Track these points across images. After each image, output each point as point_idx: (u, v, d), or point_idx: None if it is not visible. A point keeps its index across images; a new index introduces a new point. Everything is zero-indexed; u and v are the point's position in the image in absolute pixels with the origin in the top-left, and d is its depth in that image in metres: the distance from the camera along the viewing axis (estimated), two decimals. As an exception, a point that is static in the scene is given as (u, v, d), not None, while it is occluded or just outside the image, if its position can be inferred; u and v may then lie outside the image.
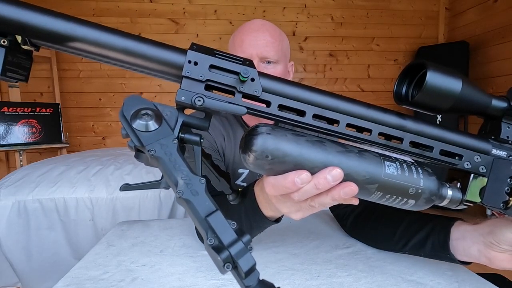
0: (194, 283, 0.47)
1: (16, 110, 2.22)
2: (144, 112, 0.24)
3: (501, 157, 0.33)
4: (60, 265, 1.25)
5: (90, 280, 0.49)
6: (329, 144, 0.30)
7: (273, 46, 0.68)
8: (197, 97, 0.26)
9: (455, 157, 0.33)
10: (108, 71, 2.75)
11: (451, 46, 2.90)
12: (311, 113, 0.29)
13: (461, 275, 0.49)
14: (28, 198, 1.22)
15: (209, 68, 0.27)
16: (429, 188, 0.31)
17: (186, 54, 0.26)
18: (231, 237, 0.22)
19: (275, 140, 0.28)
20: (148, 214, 1.28)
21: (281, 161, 0.28)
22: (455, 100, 0.30)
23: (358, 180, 0.29)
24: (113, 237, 0.65)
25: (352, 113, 0.30)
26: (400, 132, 0.31)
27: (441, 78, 0.29)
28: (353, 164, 0.29)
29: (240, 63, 0.27)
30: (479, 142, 0.33)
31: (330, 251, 0.58)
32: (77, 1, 2.66)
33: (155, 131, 0.24)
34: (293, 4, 2.95)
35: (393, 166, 0.30)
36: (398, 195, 0.31)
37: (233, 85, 0.27)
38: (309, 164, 0.29)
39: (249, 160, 0.29)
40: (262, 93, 0.28)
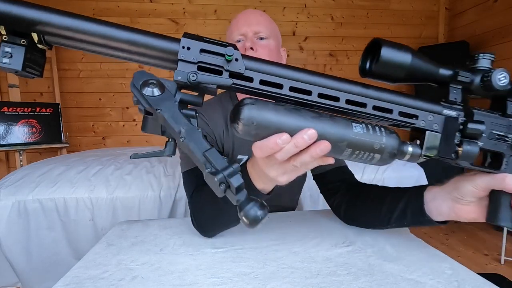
0: (194, 281, 0.47)
1: (16, 110, 2.22)
2: (151, 82, 0.30)
3: (451, 116, 0.39)
4: (60, 265, 1.25)
5: (90, 279, 0.49)
6: (304, 111, 0.35)
7: (264, 23, 0.75)
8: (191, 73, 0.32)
9: (412, 118, 0.38)
10: (108, 71, 2.75)
11: (451, 46, 2.90)
12: (288, 86, 0.35)
13: (460, 274, 0.49)
14: (28, 198, 1.23)
15: (200, 51, 0.32)
16: (391, 144, 0.36)
17: (180, 41, 0.32)
18: (223, 164, 0.28)
19: (259, 109, 0.33)
20: (148, 214, 1.28)
21: (265, 126, 0.34)
22: (407, 70, 0.36)
23: (331, 139, 0.35)
24: (113, 236, 0.65)
25: (323, 84, 0.36)
26: (364, 99, 0.37)
27: (393, 52, 0.35)
28: (326, 126, 0.35)
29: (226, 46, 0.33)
30: (432, 104, 0.39)
31: (330, 249, 0.58)
32: (77, 1, 2.67)
33: (160, 96, 0.30)
34: (293, 4, 2.96)
35: (359, 126, 0.36)
36: (365, 150, 0.36)
37: (220, 65, 0.33)
38: (289, 128, 0.34)
39: (239, 128, 0.34)
40: (245, 70, 0.33)
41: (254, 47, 0.71)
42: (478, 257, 1.94)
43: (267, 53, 0.72)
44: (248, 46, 0.71)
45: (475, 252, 2.01)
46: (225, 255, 0.56)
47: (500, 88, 0.37)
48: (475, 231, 2.37)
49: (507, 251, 1.88)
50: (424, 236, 2.26)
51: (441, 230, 2.41)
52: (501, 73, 0.37)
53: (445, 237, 2.27)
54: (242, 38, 0.74)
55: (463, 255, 1.96)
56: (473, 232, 2.36)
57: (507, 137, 0.41)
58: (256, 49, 0.71)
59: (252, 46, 0.71)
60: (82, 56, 2.71)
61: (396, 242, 0.61)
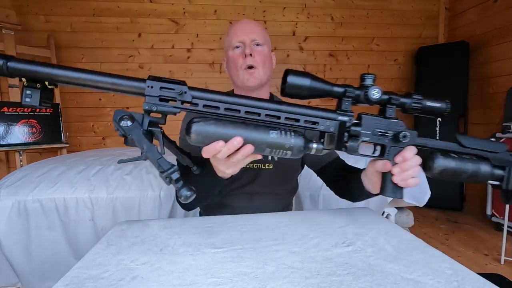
0: (193, 281, 0.47)
1: (16, 110, 2.22)
2: (124, 116, 0.45)
3: (343, 121, 0.54)
4: (60, 265, 1.25)
5: (90, 279, 0.49)
6: (236, 124, 0.50)
7: (259, 32, 0.87)
8: (153, 105, 0.47)
9: (315, 124, 0.53)
10: (108, 71, 2.75)
11: (451, 46, 2.90)
12: (223, 107, 0.49)
13: (460, 274, 0.49)
14: (28, 198, 1.22)
15: (160, 88, 0.47)
16: (298, 143, 0.51)
17: (146, 82, 0.47)
18: (168, 166, 0.45)
19: (203, 125, 0.48)
20: (148, 214, 1.28)
21: (207, 136, 0.49)
22: (308, 90, 0.52)
23: (254, 143, 0.50)
24: (113, 236, 0.66)
25: (248, 105, 0.50)
26: (278, 113, 0.51)
27: (296, 78, 0.52)
28: (251, 133, 0.50)
29: (177, 84, 0.48)
30: (329, 113, 0.53)
31: (329, 249, 0.58)
32: (77, 1, 2.67)
33: (131, 126, 0.45)
34: (293, 4, 2.96)
35: (275, 132, 0.50)
36: (279, 149, 0.51)
37: (175, 97, 0.47)
38: (224, 136, 0.49)
39: (190, 139, 0.49)
40: (192, 99, 0.48)
41: (252, 53, 0.83)
42: (478, 257, 1.94)
43: (262, 58, 0.85)
44: (247, 52, 0.83)
45: (475, 252, 2.01)
46: (225, 255, 0.56)
47: (374, 100, 0.54)
48: (475, 231, 2.37)
49: (507, 251, 1.88)
50: (424, 236, 2.26)
51: (441, 230, 2.41)
52: (375, 89, 0.53)
53: (445, 237, 2.27)
54: (240, 44, 0.85)
55: (463, 255, 1.96)
56: (473, 232, 2.36)
57: (387, 133, 0.56)
58: (254, 55, 0.84)
59: (251, 52, 0.83)
60: (82, 56, 2.71)
61: (396, 242, 0.61)
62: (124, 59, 2.77)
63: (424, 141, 0.58)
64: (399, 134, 0.55)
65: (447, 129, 2.84)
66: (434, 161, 0.57)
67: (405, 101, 0.55)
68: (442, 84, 2.86)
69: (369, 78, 0.54)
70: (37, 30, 2.62)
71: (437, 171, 0.57)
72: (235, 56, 0.85)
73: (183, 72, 2.85)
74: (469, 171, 0.57)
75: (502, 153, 0.58)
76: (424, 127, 2.93)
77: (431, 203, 1.52)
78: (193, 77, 2.85)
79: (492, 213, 2.42)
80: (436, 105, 0.56)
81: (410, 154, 0.57)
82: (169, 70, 2.84)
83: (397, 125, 0.56)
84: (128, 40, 2.77)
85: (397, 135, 0.56)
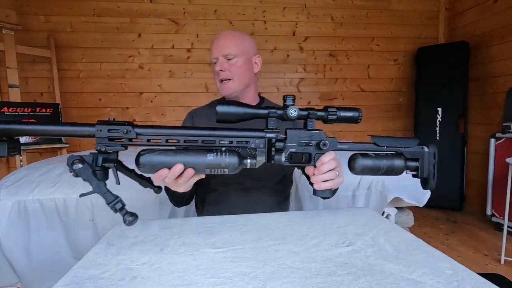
0: (194, 281, 0.47)
1: (16, 110, 2.22)
2: (76, 160, 0.52)
3: (271, 137, 0.62)
4: (60, 265, 1.25)
5: (90, 279, 0.49)
6: (178, 151, 0.58)
7: (232, 45, 0.93)
8: (102, 146, 0.54)
9: (246, 143, 0.61)
10: (108, 71, 2.75)
11: (451, 46, 2.90)
12: (164, 139, 0.57)
13: (460, 274, 0.49)
14: (28, 198, 1.23)
15: (108, 131, 0.54)
16: (233, 162, 0.59)
17: (95, 126, 0.54)
18: (112, 198, 0.53)
19: (148, 156, 0.57)
20: (148, 214, 1.28)
21: (153, 166, 0.58)
22: (236, 116, 0.61)
23: (194, 166, 0.59)
24: (113, 236, 0.66)
25: (186, 134, 0.58)
26: (212, 138, 0.59)
27: (224, 107, 0.60)
28: (191, 159, 0.58)
29: (123, 125, 0.55)
30: (258, 133, 0.61)
31: (329, 249, 0.58)
32: (77, 1, 2.66)
33: (82, 167, 0.52)
34: (293, 4, 2.96)
35: (212, 155, 0.58)
36: (217, 168, 0.59)
37: (121, 136, 0.55)
38: (168, 164, 0.58)
39: (140, 169, 0.57)
40: (137, 135, 0.56)
41: (223, 69, 0.93)
42: (478, 257, 1.94)
43: (235, 70, 0.93)
44: (217, 69, 0.93)
45: (475, 252, 2.01)
46: (225, 255, 0.56)
47: (293, 118, 0.61)
48: (475, 231, 2.37)
49: (507, 251, 1.88)
50: (424, 236, 2.26)
51: (441, 230, 2.41)
52: (293, 109, 0.61)
53: (445, 237, 2.27)
54: (215, 60, 0.94)
55: (463, 255, 1.96)
56: (473, 232, 2.36)
57: (311, 143, 0.65)
58: (224, 69, 0.93)
59: (221, 69, 0.93)
60: (82, 56, 2.71)
61: (396, 242, 0.61)
62: (124, 59, 2.77)
63: (344, 146, 0.67)
64: (320, 143, 0.64)
65: (447, 129, 2.84)
66: (355, 161, 0.66)
67: (322, 114, 0.64)
68: (442, 84, 2.87)
69: (289, 99, 0.62)
70: (37, 30, 2.62)
71: (359, 170, 0.66)
72: (213, 70, 0.96)
73: (183, 72, 2.85)
74: (385, 166, 0.66)
75: (414, 147, 0.68)
76: (424, 128, 2.93)
77: (431, 203, 1.52)
78: (193, 77, 2.85)
79: (492, 213, 2.42)
80: (349, 115, 0.64)
81: (327, 158, 0.65)
82: (169, 70, 2.84)
83: (319, 135, 0.65)
84: (128, 40, 2.77)
85: (319, 144, 0.64)
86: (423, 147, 0.69)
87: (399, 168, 0.67)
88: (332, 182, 0.67)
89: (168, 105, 2.86)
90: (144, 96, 2.83)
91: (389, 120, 3.20)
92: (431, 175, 0.69)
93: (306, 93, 3.06)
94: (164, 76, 2.84)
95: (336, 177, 0.67)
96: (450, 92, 2.83)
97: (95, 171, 0.53)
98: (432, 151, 0.69)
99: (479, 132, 2.78)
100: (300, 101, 3.05)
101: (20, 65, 2.33)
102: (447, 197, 2.82)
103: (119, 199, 0.52)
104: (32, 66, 2.61)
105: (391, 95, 3.18)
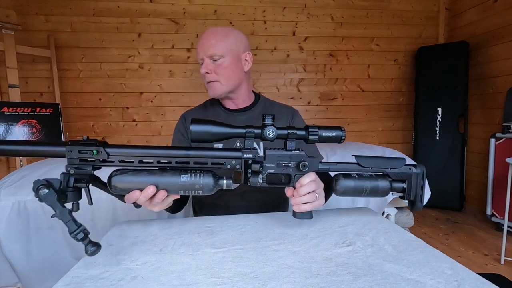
0: (194, 281, 0.47)
1: (16, 110, 2.22)
2: (41, 186, 0.48)
3: (248, 158, 0.59)
4: (60, 265, 1.25)
5: (90, 279, 0.49)
6: (151, 172, 0.57)
7: (217, 44, 0.87)
8: (72, 168, 0.52)
9: (221, 164, 0.58)
10: (108, 71, 2.75)
11: (451, 46, 2.89)
12: (137, 160, 0.55)
13: (460, 274, 0.49)
14: (28, 198, 1.23)
15: (78, 151, 0.52)
16: (207, 183, 0.57)
17: (66, 147, 0.52)
18: (74, 228, 0.49)
19: (120, 177, 0.55)
20: (148, 214, 1.28)
21: (125, 187, 0.56)
22: (210, 135, 0.57)
23: (167, 187, 0.57)
24: (113, 236, 0.66)
25: (159, 155, 0.56)
26: (187, 159, 0.57)
27: (198, 126, 0.56)
28: (163, 180, 0.56)
29: (93, 145, 0.53)
30: (233, 153, 0.59)
31: (329, 249, 0.58)
32: (77, 1, 2.66)
33: (47, 193, 0.48)
34: (293, 4, 2.96)
35: (185, 176, 0.56)
36: (191, 189, 0.57)
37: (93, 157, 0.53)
38: (140, 185, 0.56)
39: (111, 189, 0.56)
40: (109, 156, 0.54)
41: (209, 71, 0.89)
42: (478, 257, 1.94)
43: (221, 71, 0.89)
44: (203, 72, 0.89)
45: (475, 252, 2.01)
46: (225, 255, 0.56)
47: (271, 138, 0.59)
48: (475, 231, 2.37)
49: (507, 251, 1.88)
50: (424, 236, 2.26)
51: (441, 230, 2.41)
52: (270, 129, 0.59)
53: (445, 237, 2.27)
54: (201, 60, 0.90)
55: (463, 255, 1.96)
56: (473, 232, 2.36)
57: (290, 163, 0.62)
58: (210, 71, 0.89)
59: (206, 71, 0.89)
60: (82, 56, 2.71)
61: (396, 242, 0.61)
62: (124, 59, 2.77)
63: (326, 166, 0.64)
64: (299, 164, 0.61)
65: (447, 129, 2.84)
66: (337, 182, 0.64)
67: (303, 133, 0.61)
68: (442, 84, 2.86)
69: (269, 118, 0.59)
70: (37, 30, 2.61)
71: (341, 191, 0.64)
72: (200, 71, 0.92)
73: (183, 72, 2.85)
74: (368, 188, 0.64)
75: (401, 168, 0.66)
76: (424, 128, 2.93)
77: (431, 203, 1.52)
78: (193, 77, 2.85)
79: (492, 213, 2.42)
80: (331, 134, 0.61)
81: (306, 180, 0.62)
82: (169, 70, 2.84)
83: (299, 156, 0.62)
84: (128, 40, 2.76)
85: (298, 165, 0.62)
86: (411, 167, 0.66)
87: (384, 190, 0.64)
88: (312, 204, 0.63)
89: (168, 105, 2.86)
90: (144, 96, 2.83)
91: (389, 120, 3.20)
92: (418, 197, 0.66)
93: (306, 93, 3.06)
94: (164, 76, 2.84)
95: (316, 199, 0.64)
96: (450, 92, 2.83)
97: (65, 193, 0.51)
98: (420, 171, 0.66)
99: (479, 132, 2.78)
100: (300, 101, 3.05)
101: (20, 65, 2.33)
102: (447, 197, 2.82)
103: (81, 229, 0.49)
104: (32, 66, 2.61)
105: (391, 95, 3.18)
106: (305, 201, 0.62)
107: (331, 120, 3.11)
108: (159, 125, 2.86)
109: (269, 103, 1.02)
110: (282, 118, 0.97)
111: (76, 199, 0.53)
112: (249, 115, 0.97)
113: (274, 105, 1.02)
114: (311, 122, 3.06)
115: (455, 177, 2.82)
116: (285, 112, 0.99)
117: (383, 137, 3.20)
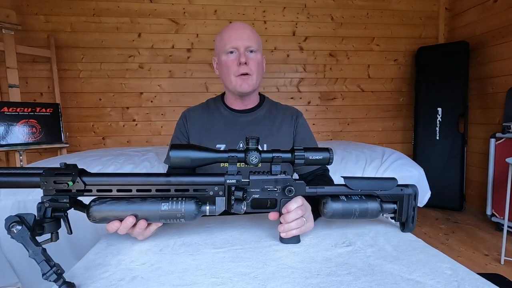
0: (193, 281, 0.47)
1: (16, 110, 2.22)
2: (14, 223, 0.45)
3: (231, 183, 0.57)
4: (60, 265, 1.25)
5: (90, 279, 0.49)
6: (130, 201, 0.55)
7: (253, 39, 0.86)
8: (47, 200, 0.50)
9: (204, 191, 0.56)
10: (108, 71, 2.75)
11: (451, 46, 2.90)
12: (115, 189, 0.54)
13: (460, 274, 0.49)
14: (28, 198, 1.23)
15: (54, 182, 0.51)
16: (189, 210, 0.55)
17: (40, 177, 0.50)
18: (47, 269, 0.45)
19: (98, 207, 0.54)
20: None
21: (104, 216, 0.54)
22: (190, 160, 0.55)
23: (148, 216, 0.55)
24: (113, 236, 0.66)
25: (138, 183, 0.54)
26: (167, 186, 0.55)
27: (177, 152, 0.54)
28: (144, 208, 0.55)
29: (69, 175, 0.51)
30: (216, 178, 0.57)
31: (329, 249, 0.58)
32: (77, 1, 2.66)
33: (20, 231, 0.44)
34: (293, 4, 2.96)
35: (166, 204, 0.55)
36: (172, 218, 0.55)
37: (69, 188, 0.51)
38: (120, 215, 0.54)
39: (91, 219, 0.54)
40: (85, 185, 0.52)
41: (247, 61, 0.85)
42: (478, 257, 1.94)
43: (256, 65, 0.86)
44: (242, 61, 0.84)
45: (475, 252, 2.01)
46: (225, 255, 0.56)
47: (254, 164, 0.57)
48: (475, 231, 2.37)
49: (507, 251, 1.88)
50: (424, 236, 2.26)
51: (441, 230, 2.41)
52: (253, 155, 0.57)
53: (445, 237, 2.27)
54: (234, 50, 0.85)
55: (463, 255, 1.96)
56: (473, 232, 2.36)
57: (276, 188, 0.60)
58: (248, 63, 0.85)
59: (246, 61, 0.84)
60: (82, 56, 2.71)
61: (396, 242, 0.61)
62: (124, 59, 2.77)
63: (313, 190, 0.62)
64: (285, 189, 0.59)
65: (447, 129, 2.84)
66: (324, 206, 0.62)
67: (288, 156, 0.59)
68: (442, 84, 2.86)
69: (252, 142, 0.57)
70: (37, 30, 2.61)
71: (329, 215, 0.62)
72: (229, 62, 0.86)
73: (183, 72, 2.85)
74: (357, 211, 0.62)
75: (392, 190, 0.64)
76: (424, 127, 2.93)
77: (431, 203, 1.52)
78: (193, 77, 2.85)
79: (492, 213, 2.42)
80: (318, 157, 0.59)
81: (293, 206, 0.59)
82: (169, 70, 2.84)
83: (285, 180, 0.60)
84: (128, 40, 2.76)
85: (284, 189, 0.60)
86: (402, 188, 0.65)
87: (374, 212, 0.63)
88: (299, 230, 0.61)
89: (168, 105, 2.86)
90: (144, 96, 2.83)
91: (389, 120, 3.20)
92: (409, 219, 0.65)
93: (306, 93, 3.06)
94: (164, 76, 2.84)
95: (304, 223, 0.61)
96: (450, 92, 2.83)
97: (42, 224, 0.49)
98: (412, 192, 0.65)
99: (479, 132, 2.78)
100: (300, 101, 3.05)
101: (20, 65, 2.34)
102: (447, 197, 2.82)
103: (54, 270, 0.45)
104: (32, 66, 2.61)
105: (391, 95, 3.18)
106: (292, 228, 0.60)
107: (331, 120, 3.11)
108: (159, 125, 2.85)
109: (273, 104, 1.01)
110: (286, 120, 0.96)
111: (54, 229, 0.51)
112: (254, 116, 0.95)
113: (278, 107, 1.01)
114: (311, 122, 3.06)
115: (455, 177, 2.82)
116: (289, 114, 0.98)
117: (383, 137, 3.20)
